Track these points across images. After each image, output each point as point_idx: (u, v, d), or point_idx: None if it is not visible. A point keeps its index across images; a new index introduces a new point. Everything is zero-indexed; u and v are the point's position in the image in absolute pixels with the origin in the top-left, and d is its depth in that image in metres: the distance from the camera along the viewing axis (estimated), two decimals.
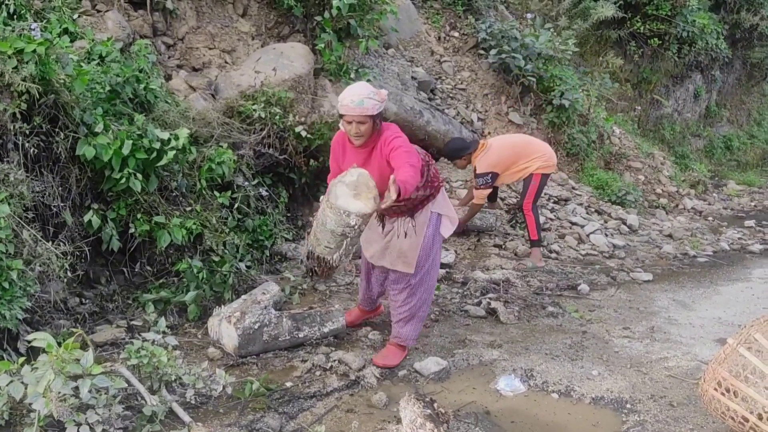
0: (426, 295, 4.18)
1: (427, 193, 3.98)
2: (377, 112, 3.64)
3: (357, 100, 3.58)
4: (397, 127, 3.83)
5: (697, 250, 7.47)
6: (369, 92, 3.62)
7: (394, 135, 3.71)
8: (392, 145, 3.66)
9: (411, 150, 3.69)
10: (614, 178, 9.10)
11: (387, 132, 3.75)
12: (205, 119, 5.25)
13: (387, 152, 3.68)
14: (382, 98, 3.66)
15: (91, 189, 4.46)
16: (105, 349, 4.03)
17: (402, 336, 4.18)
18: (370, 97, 3.59)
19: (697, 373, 4.02)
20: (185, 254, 4.72)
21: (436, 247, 4.11)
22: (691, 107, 14.11)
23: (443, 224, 4.11)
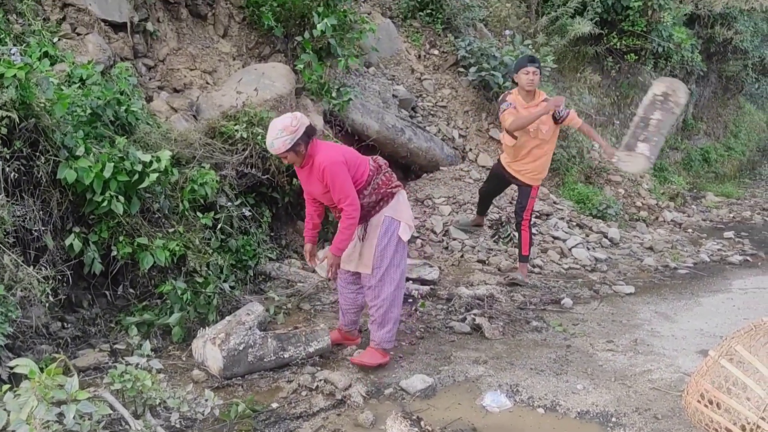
0: (392, 296, 4.31)
1: (375, 199, 4.21)
2: (293, 144, 3.95)
3: (269, 143, 3.99)
4: (330, 145, 4.16)
5: (677, 262, 7.55)
6: (277, 132, 3.94)
7: (324, 162, 4.01)
8: (325, 177, 4.03)
9: (339, 180, 4.01)
10: (595, 192, 9.19)
11: (318, 156, 4.04)
12: (186, 140, 5.26)
13: (320, 175, 4.05)
14: (294, 129, 3.94)
15: (72, 212, 4.43)
16: (88, 373, 3.99)
17: (377, 339, 4.33)
18: (278, 137, 3.93)
19: (680, 385, 4.05)
20: (168, 276, 4.69)
21: (391, 249, 4.24)
22: None
23: (401, 228, 4.28)
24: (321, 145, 4.11)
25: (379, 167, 4.32)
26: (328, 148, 4.11)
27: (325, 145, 4.13)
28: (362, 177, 4.17)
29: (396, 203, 4.30)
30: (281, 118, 4.02)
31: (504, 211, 7.81)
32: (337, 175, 4.01)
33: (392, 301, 4.33)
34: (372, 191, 4.21)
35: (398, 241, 4.27)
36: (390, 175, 4.34)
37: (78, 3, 5.72)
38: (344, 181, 4.03)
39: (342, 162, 4.03)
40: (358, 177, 4.15)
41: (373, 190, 4.21)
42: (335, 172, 4.01)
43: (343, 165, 4.03)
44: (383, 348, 4.35)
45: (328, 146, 4.14)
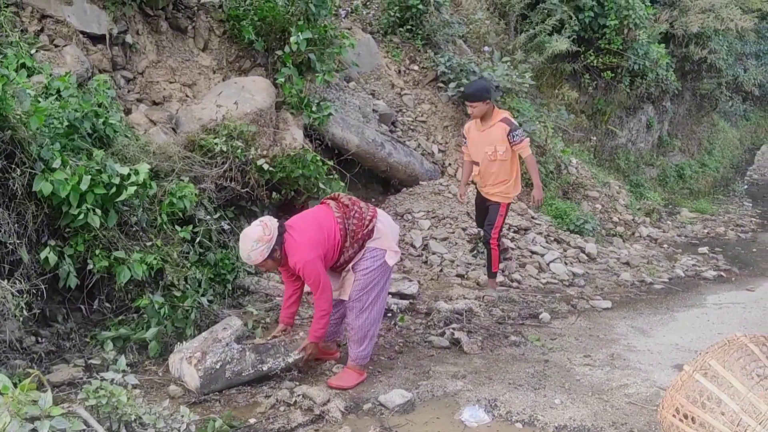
0: (374, 317, 4.35)
1: (357, 246, 4.25)
2: (270, 252, 4.01)
3: (245, 256, 4.05)
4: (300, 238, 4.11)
5: (653, 277, 7.64)
6: (252, 244, 3.99)
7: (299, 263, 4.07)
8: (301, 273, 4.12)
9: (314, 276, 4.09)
10: (572, 208, 9.28)
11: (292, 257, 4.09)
12: (165, 153, 5.23)
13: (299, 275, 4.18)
14: (268, 238, 4.00)
15: (48, 225, 4.39)
16: (62, 389, 3.93)
17: (354, 357, 4.35)
18: (254, 249, 3.98)
19: (656, 399, 4.09)
20: (146, 290, 4.65)
21: (376, 276, 4.27)
22: (644, 137, 14.53)
23: (387, 255, 4.30)
24: (291, 243, 4.09)
25: (347, 209, 4.28)
26: (299, 246, 4.08)
27: (295, 243, 4.09)
28: (336, 240, 4.17)
29: (377, 234, 4.28)
30: (252, 228, 4.04)
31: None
32: (311, 272, 4.08)
33: (373, 321, 4.35)
34: (351, 242, 4.22)
35: (384, 266, 4.29)
36: (360, 213, 4.29)
37: (56, 15, 5.68)
38: (318, 275, 4.09)
39: (315, 258, 4.07)
40: (334, 243, 4.17)
41: (351, 240, 4.22)
42: (309, 270, 4.07)
43: (317, 260, 4.08)
44: (360, 365, 4.36)
45: (298, 243, 4.09)
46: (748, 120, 20.44)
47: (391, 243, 4.34)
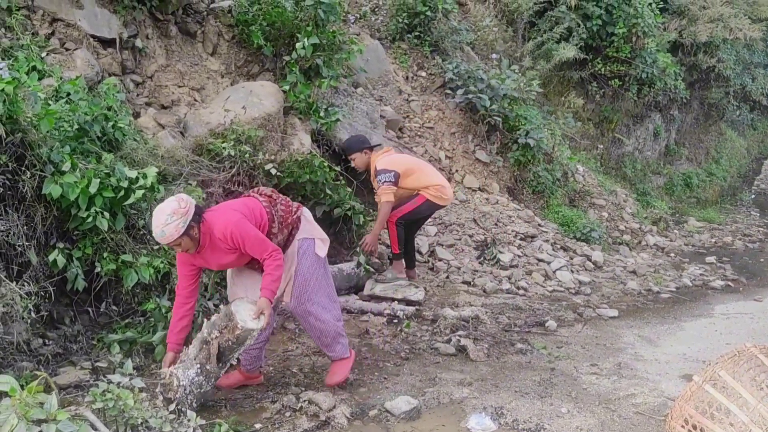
0: (328, 318, 4.20)
1: (286, 232, 4.09)
2: (185, 227, 3.63)
3: (158, 233, 3.63)
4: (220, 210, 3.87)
5: (660, 286, 7.61)
6: (166, 218, 3.60)
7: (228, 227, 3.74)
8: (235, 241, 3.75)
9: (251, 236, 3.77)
10: (579, 215, 9.27)
11: (217, 227, 3.75)
12: (173, 157, 5.25)
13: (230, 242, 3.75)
14: (184, 211, 3.63)
15: (56, 228, 4.40)
16: (69, 391, 3.93)
17: (335, 354, 4.29)
18: (168, 222, 3.59)
19: (664, 409, 4.06)
20: (152, 293, 4.65)
21: (312, 270, 4.13)
22: (651, 146, 14.50)
23: (316, 246, 4.19)
24: (211, 216, 3.82)
25: (271, 198, 4.12)
26: (220, 214, 3.83)
27: (215, 214, 3.84)
28: (263, 219, 3.95)
29: (304, 224, 4.20)
30: (166, 203, 3.68)
31: (489, 232, 7.84)
32: (247, 231, 3.77)
33: (329, 322, 4.20)
34: (279, 227, 4.04)
35: (316, 258, 4.16)
36: (286, 201, 4.18)
37: (67, 18, 5.71)
38: (255, 234, 3.80)
39: (241, 217, 3.80)
40: (260, 221, 3.93)
41: (279, 225, 4.03)
42: (243, 229, 3.76)
43: (244, 218, 3.81)
44: (344, 357, 4.32)
45: (218, 213, 3.86)
46: (755, 129, 20.37)
47: (319, 232, 4.26)
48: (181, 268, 3.95)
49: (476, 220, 8.05)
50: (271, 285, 3.81)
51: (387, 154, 6.19)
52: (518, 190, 9.42)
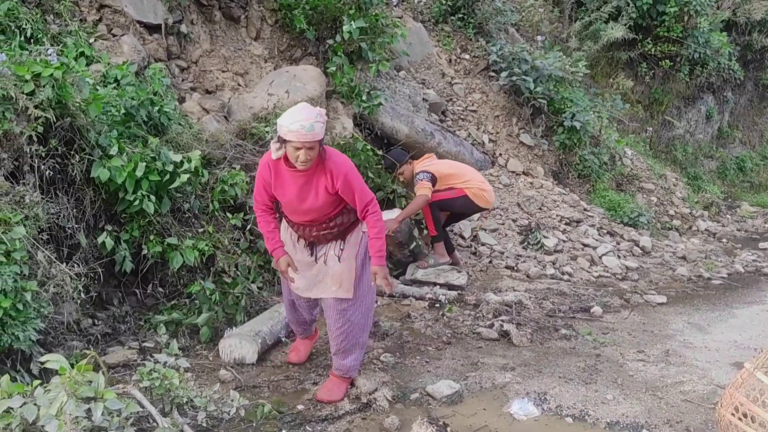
0: (364, 321, 3.90)
1: (353, 217, 3.79)
2: (322, 135, 3.46)
3: (308, 125, 3.33)
4: (335, 150, 3.68)
5: (711, 272, 7.41)
6: (316, 115, 3.39)
7: (344, 166, 3.56)
8: (342, 178, 3.53)
9: (361, 182, 3.61)
10: (626, 200, 9.07)
11: (333, 158, 3.56)
12: (217, 141, 5.30)
13: (336, 182, 3.54)
14: (325, 119, 3.47)
15: (104, 210, 4.50)
16: (117, 370, 4.03)
17: (344, 368, 3.91)
18: (318, 120, 3.38)
19: (713, 397, 3.96)
20: (197, 276, 4.73)
21: (368, 268, 3.81)
22: (703, 128, 14.07)
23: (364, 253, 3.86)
24: (328, 148, 3.62)
25: None
26: (337, 152, 3.66)
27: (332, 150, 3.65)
28: None
29: None
30: (305, 105, 3.45)
31: (533, 216, 7.74)
32: (358, 176, 3.59)
33: (362, 327, 3.90)
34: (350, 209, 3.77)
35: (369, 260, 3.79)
36: None
37: (114, 5, 5.80)
38: (362, 181, 3.63)
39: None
40: None
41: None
42: (355, 172, 3.59)
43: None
44: (348, 376, 3.96)
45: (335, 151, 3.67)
46: None
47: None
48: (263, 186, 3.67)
49: (520, 204, 7.96)
50: (382, 251, 3.62)
51: (428, 160, 6.26)
52: (563, 174, 9.26)
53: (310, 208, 3.64)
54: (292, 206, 3.67)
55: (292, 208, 3.68)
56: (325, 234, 3.75)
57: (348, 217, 3.77)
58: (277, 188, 3.63)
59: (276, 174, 3.61)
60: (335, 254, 3.80)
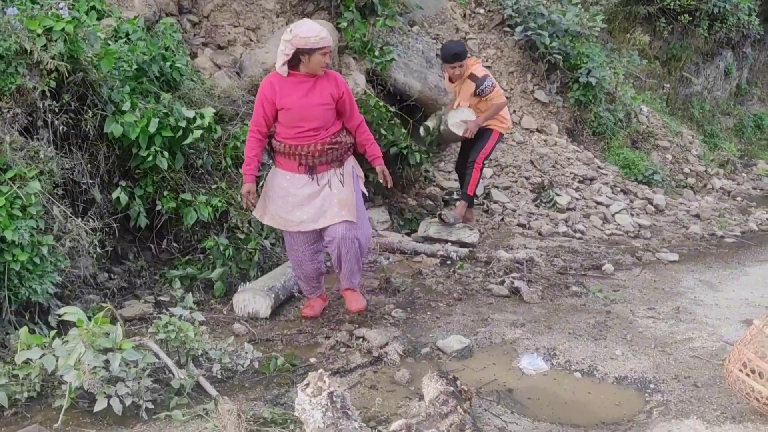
0: (367, 242, 4.39)
1: (351, 141, 4.24)
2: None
3: (325, 33, 3.93)
4: None
5: (724, 230, 7.37)
6: (324, 30, 3.97)
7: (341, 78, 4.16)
8: (345, 89, 4.10)
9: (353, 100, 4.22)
10: (641, 158, 8.99)
11: (334, 73, 4.18)
12: (230, 97, 5.29)
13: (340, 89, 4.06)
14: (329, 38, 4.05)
15: (119, 166, 4.53)
16: (133, 323, 4.11)
17: (357, 283, 4.43)
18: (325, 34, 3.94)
19: (722, 353, 3.98)
20: (211, 231, 4.77)
21: (360, 194, 4.30)
22: (721, 85, 13.82)
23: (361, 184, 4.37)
24: None
25: None
26: None
27: None
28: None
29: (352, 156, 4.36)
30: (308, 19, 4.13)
31: (546, 174, 7.70)
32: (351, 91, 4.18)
33: (367, 247, 4.44)
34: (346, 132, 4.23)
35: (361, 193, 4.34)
36: None
37: None
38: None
39: None
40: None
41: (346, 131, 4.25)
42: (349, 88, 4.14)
43: None
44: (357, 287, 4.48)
45: None
46: None
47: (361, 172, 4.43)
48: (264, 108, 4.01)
49: (533, 161, 7.92)
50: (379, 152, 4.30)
51: (479, 63, 6.21)
52: (578, 131, 9.18)
53: (316, 115, 4.00)
54: (299, 114, 3.98)
55: (299, 116, 3.98)
56: (329, 150, 4.07)
57: (347, 138, 4.18)
58: (284, 97, 3.97)
59: (281, 87, 3.99)
60: (339, 180, 4.15)
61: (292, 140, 4.03)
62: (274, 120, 4.04)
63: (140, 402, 3.11)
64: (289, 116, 3.99)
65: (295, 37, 3.85)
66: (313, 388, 2.88)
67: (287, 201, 4.12)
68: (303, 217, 4.12)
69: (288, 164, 4.12)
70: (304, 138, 4.01)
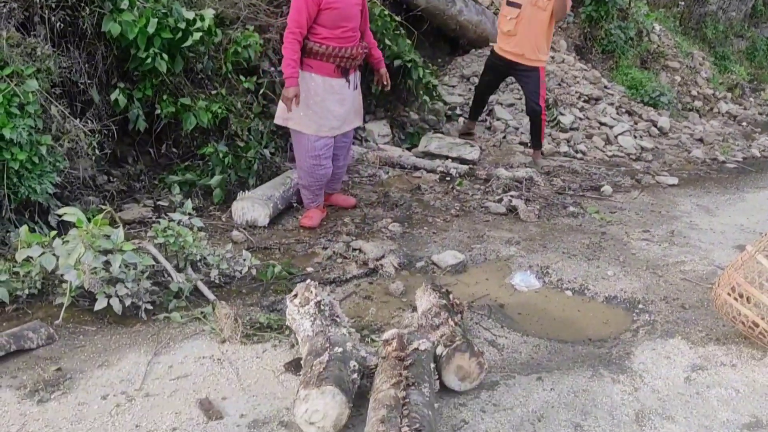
0: None
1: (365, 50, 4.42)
2: None
3: None
4: None
5: (726, 155, 7.34)
6: None
7: None
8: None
9: None
10: (649, 78, 8.83)
11: None
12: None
13: None
14: None
15: (117, 67, 4.45)
16: (133, 226, 4.15)
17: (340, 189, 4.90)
18: None
19: (712, 277, 4.05)
20: (210, 138, 4.75)
21: None
22: (737, 5, 13.40)
23: None
24: None
25: None
26: None
27: None
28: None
29: None
30: None
31: (552, 92, 7.58)
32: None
33: None
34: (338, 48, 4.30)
35: None
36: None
37: None
38: None
39: None
40: None
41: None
42: None
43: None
44: None
45: None
46: None
47: None
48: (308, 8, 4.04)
49: None
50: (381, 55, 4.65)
51: None
52: (587, 48, 8.97)
53: (356, 14, 4.22)
54: (344, 13, 4.12)
55: (344, 15, 4.12)
56: (361, 53, 4.33)
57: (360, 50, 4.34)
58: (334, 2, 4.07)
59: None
60: (358, 82, 4.49)
61: (336, 41, 4.16)
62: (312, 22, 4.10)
63: (140, 303, 3.18)
64: (334, 16, 4.09)
65: None
66: (301, 298, 2.95)
67: (324, 106, 4.28)
68: (336, 121, 4.37)
69: (324, 68, 4.22)
70: (347, 39, 4.19)
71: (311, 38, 4.14)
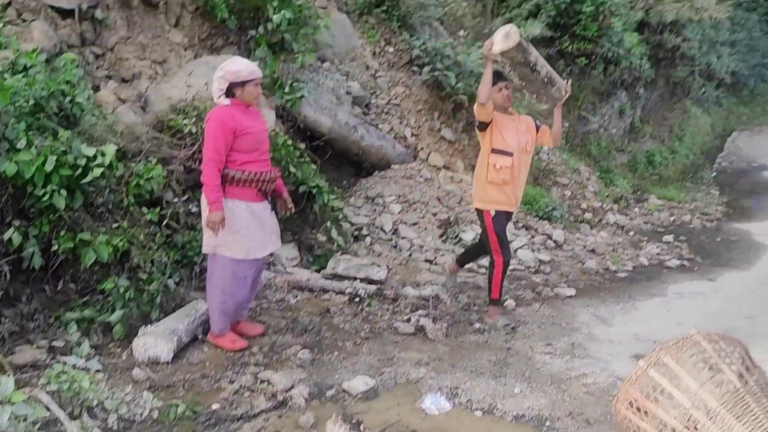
0: None
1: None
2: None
3: (254, 67, 4.25)
4: None
5: (617, 265, 7.77)
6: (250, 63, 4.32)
7: None
8: None
9: None
10: (542, 194, 9.38)
11: None
12: (133, 133, 5.18)
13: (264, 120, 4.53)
14: None
15: (12, 205, 4.32)
16: (25, 371, 3.91)
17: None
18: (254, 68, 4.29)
19: (613, 389, 4.19)
20: (111, 271, 4.63)
21: None
22: (617, 123, 14.66)
23: None
24: None
25: None
26: None
27: None
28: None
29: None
30: None
31: (453, 210, 7.91)
32: None
33: None
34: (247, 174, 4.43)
35: None
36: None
37: None
38: None
39: None
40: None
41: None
42: None
43: None
44: None
45: None
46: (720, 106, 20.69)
47: None
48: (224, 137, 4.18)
49: (440, 198, 8.12)
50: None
51: None
52: None
53: (266, 138, 4.44)
54: (257, 137, 4.31)
55: (258, 139, 4.32)
56: (277, 175, 4.54)
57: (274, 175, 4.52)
58: (244, 122, 4.23)
59: (237, 113, 4.23)
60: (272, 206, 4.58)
61: (256, 165, 4.31)
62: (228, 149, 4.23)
63: None
64: (249, 141, 4.26)
65: (226, 73, 4.19)
66: None
67: (249, 230, 4.35)
68: (259, 244, 4.43)
69: (246, 193, 4.34)
70: (264, 162, 4.38)
71: (230, 166, 4.26)
